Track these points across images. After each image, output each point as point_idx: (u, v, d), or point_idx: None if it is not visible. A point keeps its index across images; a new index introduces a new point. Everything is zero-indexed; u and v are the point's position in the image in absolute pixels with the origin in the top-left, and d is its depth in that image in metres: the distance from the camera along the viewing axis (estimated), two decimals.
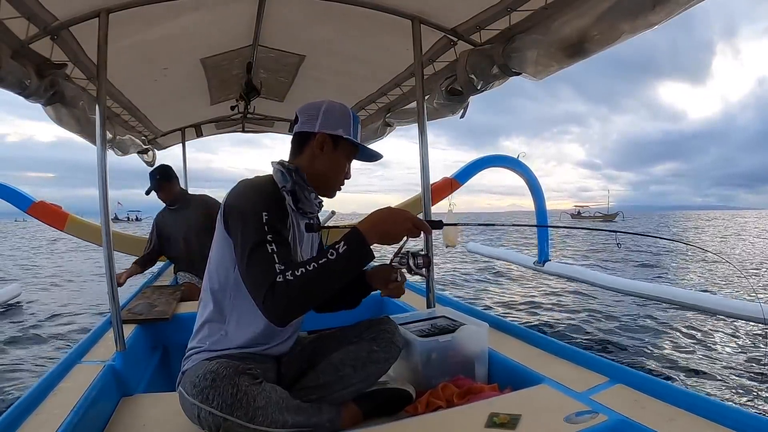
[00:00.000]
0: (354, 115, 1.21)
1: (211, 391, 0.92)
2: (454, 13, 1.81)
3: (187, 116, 3.74)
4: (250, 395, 0.92)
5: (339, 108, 1.19)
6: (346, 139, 1.16)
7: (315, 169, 1.16)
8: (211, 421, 0.92)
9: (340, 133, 1.15)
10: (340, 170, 1.20)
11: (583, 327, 3.95)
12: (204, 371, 0.95)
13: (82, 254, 12.42)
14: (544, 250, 5.65)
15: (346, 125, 1.17)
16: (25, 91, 1.63)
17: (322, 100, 1.20)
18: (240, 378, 0.94)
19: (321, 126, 1.15)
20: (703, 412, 0.94)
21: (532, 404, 1.05)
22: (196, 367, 1.01)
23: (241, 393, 0.91)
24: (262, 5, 1.86)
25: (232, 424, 0.91)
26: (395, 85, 2.70)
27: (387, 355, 1.19)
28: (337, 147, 1.17)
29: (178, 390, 1.04)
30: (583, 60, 1.49)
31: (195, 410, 0.94)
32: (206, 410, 0.92)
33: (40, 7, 1.45)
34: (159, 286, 2.63)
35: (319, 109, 1.16)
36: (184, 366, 1.08)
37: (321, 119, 1.15)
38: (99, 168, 1.45)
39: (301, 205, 1.15)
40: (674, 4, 1.17)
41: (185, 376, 1.03)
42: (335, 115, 1.16)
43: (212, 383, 0.92)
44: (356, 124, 1.20)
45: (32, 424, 0.98)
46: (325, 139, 1.15)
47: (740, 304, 3.91)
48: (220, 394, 0.91)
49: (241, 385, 0.92)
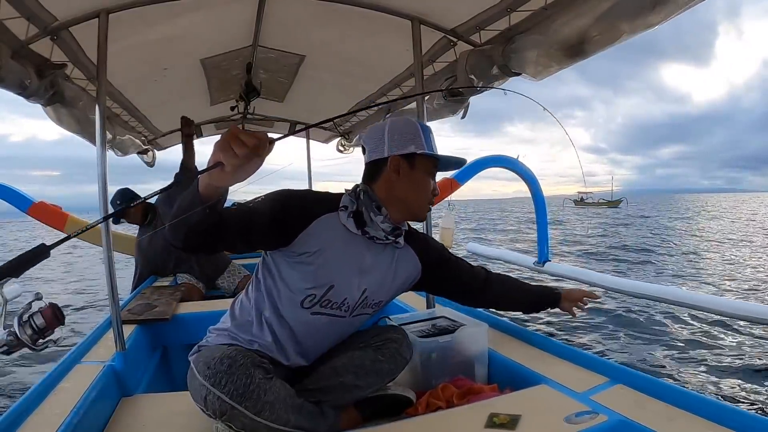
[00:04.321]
0: (422, 125, 1.13)
1: (225, 376, 0.91)
2: (454, 14, 1.81)
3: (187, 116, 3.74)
4: (261, 388, 0.92)
5: (404, 123, 1.12)
6: (421, 154, 1.09)
7: (394, 195, 1.10)
8: (218, 406, 0.91)
9: (413, 150, 1.08)
10: (423, 189, 1.12)
11: (583, 327, 3.96)
12: (221, 355, 0.94)
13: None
14: (544, 250, 5.65)
15: (417, 139, 1.09)
16: (26, 91, 1.63)
17: (383, 122, 1.14)
18: (255, 370, 0.94)
19: (390, 149, 1.08)
20: (703, 412, 0.94)
21: (532, 404, 1.05)
22: (214, 349, 1.01)
23: (254, 385, 0.91)
24: (262, 5, 1.86)
25: (238, 413, 0.90)
26: (395, 85, 2.70)
27: (391, 366, 1.17)
28: (413, 166, 1.09)
29: (190, 364, 1.02)
30: (582, 60, 1.49)
31: (203, 391, 0.93)
32: (215, 394, 0.91)
33: (40, 8, 1.44)
34: (159, 287, 2.63)
35: (383, 131, 1.10)
36: (204, 341, 1.10)
37: (388, 141, 1.09)
38: (99, 168, 1.45)
39: (367, 228, 1.09)
40: (674, 4, 1.17)
41: (200, 353, 1.02)
42: (402, 132, 1.09)
43: (228, 369, 0.92)
44: (427, 134, 1.12)
45: (32, 424, 0.98)
46: (399, 161, 1.08)
47: (741, 305, 3.90)
48: (233, 382, 0.91)
49: (255, 377, 0.92)
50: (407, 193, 1.11)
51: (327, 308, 1.09)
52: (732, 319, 3.76)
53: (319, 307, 1.08)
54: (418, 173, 1.10)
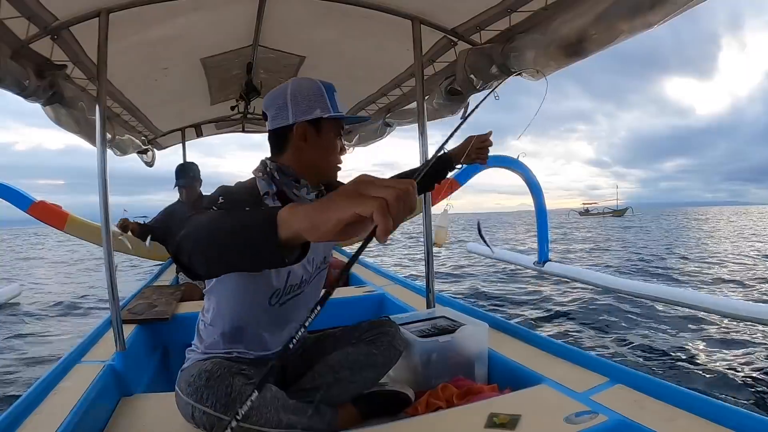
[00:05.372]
0: (325, 85, 1.07)
1: (205, 390, 0.92)
2: (454, 14, 1.81)
3: (187, 116, 3.74)
4: (244, 395, 0.91)
5: (306, 85, 1.05)
6: (328, 117, 1.05)
7: (305, 162, 1.06)
8: (205, 420, 0.92)
9: (319, 114, 1.03)
10: (332, 151, 1.09)
11: (583, 327, 3.96)
12: (198, 371, 0.95)
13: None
14: (544, 250, 5.65)
15: (322, 102, 1.04)
16: (24, 91, 1.63)
17: (284, 84, 1.06)
18: (234, 378, 0.93)
19: (295, 115, 1.03)
20: (703, 412, 0.94)
21: (532, 404, 1.05)
22: (191, 367, 1.01)
23: (236, 392, 0.91)
24: (262, 5, 1.86)
25: (226, 423, 0.90)
26: (395, 85, 2.70)
27: (385, 359, 1.18)
28: (320, 131, 1.05)
29: (175, 390, 1.04)
30: (581, 60, 1.49)
31: (189, 409, 0.94)
32: (201, 409, 0.92)
33: (40, 7, 1.45)
34: (159, 286, 2.63)
35: (285, 97, 1.04)
36: (182, 366, 1.09)
37: (292, 107, 1.03)
38: (99, 168, 1.45)
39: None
40: (672, 4, 1.17)
41: (181, 375, 1.03)
42: (305, 95, 1.04)
43: (207, 382, 0.92)
44: (331, 93, 1.07)
45: (32, 424, 0.98)
46: (306, 128, 1.03)
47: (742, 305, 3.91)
48: (215, 393, 0.91)
49: (236, 385, 0.92)
50: (317, 158, 1.07)
51: (291, 293, 1.10)
52: (732, 319, 3.76)
53: (285, 297, 1.09)
54: (326, 137, 1.06)
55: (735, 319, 3.74)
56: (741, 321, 3.73)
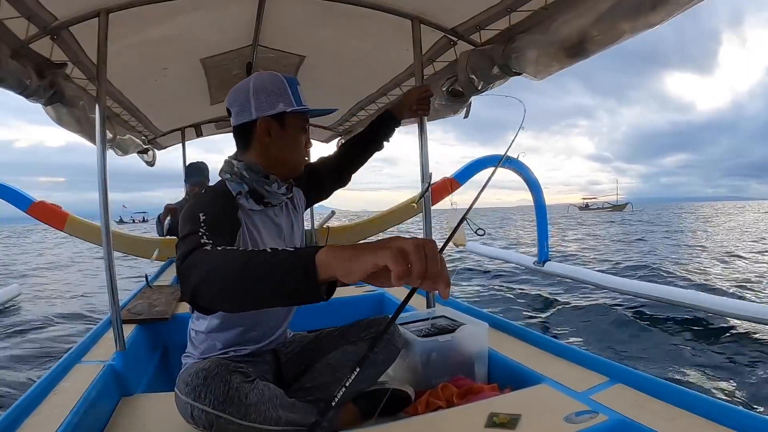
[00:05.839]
0: (288, 78, 1.08)
1: (203, 388, 0.92)
2: (454, 13, 1.81)
3: (187, 116, 3.74)
4: (242, 392, 0.91)
5: (268, 79, 1.05)
6: (291, 112, 1.05)
7: (271, 158, 1.06)
8: (204, 418, 0.92)
9: (282, 108, 1.04)
10: (297, 146, 1.10)
11: (583, 327, 3.96)
12: (196, 370, 0.95)
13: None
14: (544, 249, 5.65)
15: (285, 96, 1.04)
16: (25, 91, 1.63)
17: (246, 79, 1.07)
18: (232, 376, 0.94)
19: (258, 110, 1.03)
20: (703, 412, 0.94)
21: (532, 404, 1.05)
22: (189, 367, 1.02)
23: (233, 390, 0.91)
24: (261, 5, 1.86)
25: (224, 421, 0.90)
26: (395, 85, 2.69)
27: (385, 356, 1.19)
28: (284, 125, 1.05)
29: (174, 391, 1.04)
30: (583, 60, 1.49)
31: (188, 408, 0.94)
32: (199, 408, 0.92)
33: (40, 7, 1.44)
34: (159, 286, 2.63)
35: (248, 92, 1.04)
36: (180, 371, 1.10)
37: (254, 102, 1.03)
38: (99, 168, 1.45)
39: (267, 200, 1.09)
40: (674, 4, 1.17)
41: (179, 377, 1.04)
42: (268, 90, 1.04)
43: (204, 381, 0.92)
44: (294, 86, 1.07)
45: (32, 424, 0.98)
46: (269, 123, 1.04)
47: (742, 305, 3.91)
48: (212, 392, 0.91)
49: (233, 382, 0.92)
50: (283, 153, 1.08)
51: None
52: (732, 319, 3.76)
53: None
54: (290, 131, 1.07)
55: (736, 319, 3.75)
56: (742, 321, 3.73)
